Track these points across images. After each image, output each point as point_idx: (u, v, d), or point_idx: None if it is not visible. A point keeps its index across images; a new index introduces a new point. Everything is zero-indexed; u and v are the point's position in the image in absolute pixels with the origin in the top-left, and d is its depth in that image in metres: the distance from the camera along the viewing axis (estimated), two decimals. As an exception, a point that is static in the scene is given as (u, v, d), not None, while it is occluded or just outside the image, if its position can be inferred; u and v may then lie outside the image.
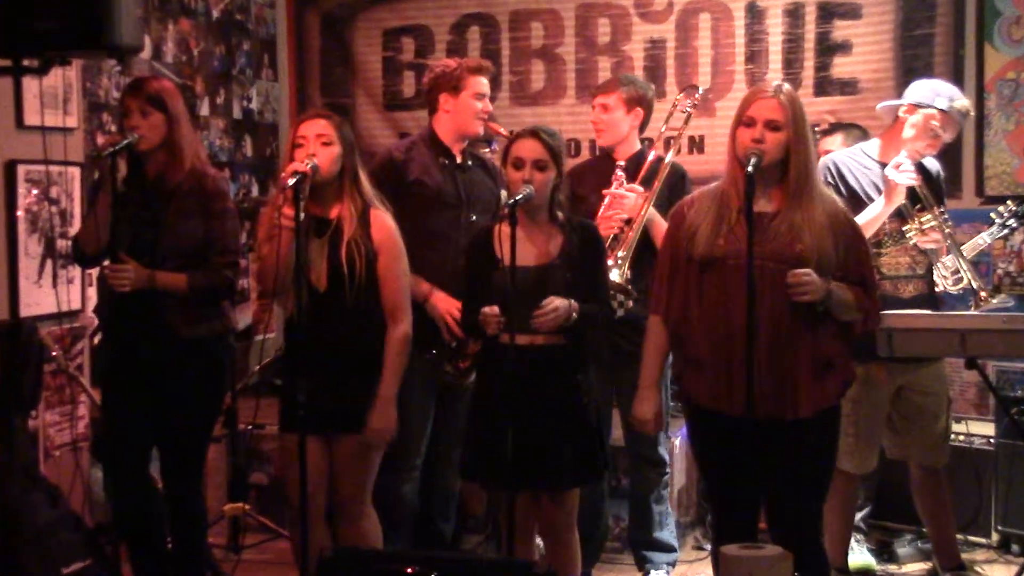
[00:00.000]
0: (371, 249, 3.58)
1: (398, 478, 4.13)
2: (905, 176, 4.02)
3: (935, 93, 4.15)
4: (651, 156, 4.30)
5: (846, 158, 4.22)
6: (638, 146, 4.40)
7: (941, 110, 4.11)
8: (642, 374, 3.52)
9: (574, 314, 3.47)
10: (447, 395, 4.24)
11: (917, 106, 4.14)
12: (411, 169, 4.16)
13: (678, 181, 4.28)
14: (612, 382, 4.26)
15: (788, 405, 3.26)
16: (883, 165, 4.12)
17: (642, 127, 4.41)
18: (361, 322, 3.59)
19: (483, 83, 4.22)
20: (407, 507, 4.24)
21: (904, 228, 4.15)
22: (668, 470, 4.45)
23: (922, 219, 4.14)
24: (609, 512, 4.57)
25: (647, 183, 4.23)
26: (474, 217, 4.19)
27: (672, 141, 4.38)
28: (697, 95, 4.55)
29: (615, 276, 4.02)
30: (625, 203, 4.17)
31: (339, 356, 3.56)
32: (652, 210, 4.16)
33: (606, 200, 4.20)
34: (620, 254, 4.10)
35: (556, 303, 3.44)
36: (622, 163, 4.28)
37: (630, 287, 4.06)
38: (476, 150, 4.43)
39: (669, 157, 4.29)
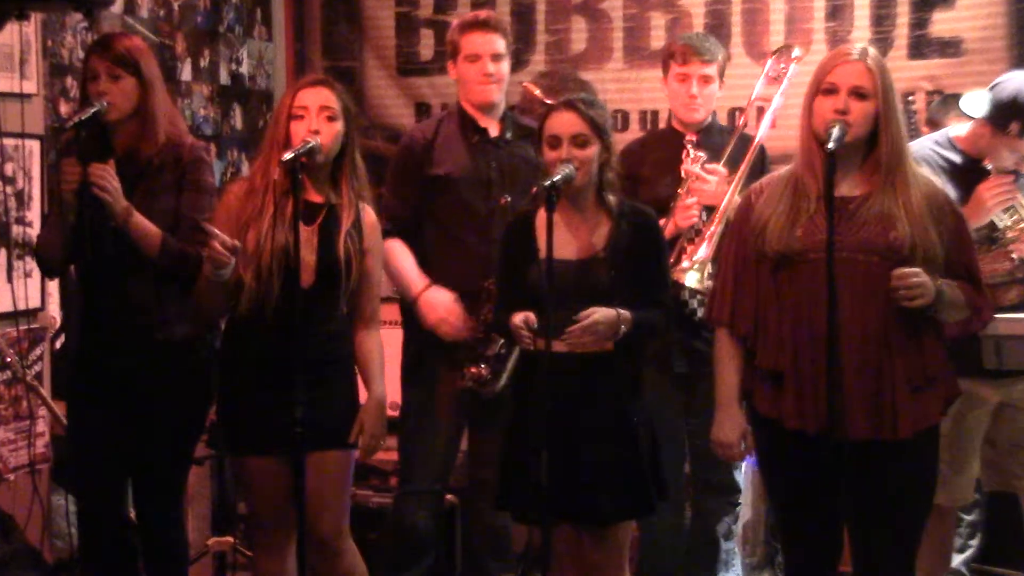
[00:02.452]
0: (360, 247, 3.63)
1: (413, 503, 4.11)
2: (1001, 201, 3.95)
3: (1010, 111, 3.93)
4: (736, 131, 4.28)
5: (927, 151, 4.10)
6: (707, 118, 4.37)
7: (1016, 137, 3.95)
8: (719, 391, 3.47)
9: (623, 327, 3.41)
10: (487, 414, 4.20)
11: (991, 126, 3.98)
12: (436, 158, 4.19)
13: (757, 160, 4.19)
14: (685, 392, 4.21)
15: (886, 424, 3.23)
16: (967, 157, 4.03)
17: None
18: (345, 325, 3.66)
19: (479, 40, 4.21)
20: (423, 539, 4.24)
21: (995, 234, 4.07)
22: (740, 500, 4.40)
23: (1021, 226, 4.06)
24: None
25: (732, 163, 4.15)
26: (511, 199, 4.17)
27: (760, 112, 4.33)
28: (794, 55, 4.46)
29: (693, 281, 3.95)
30: (706, 188, 4.09)
31: (317, 364, 3.56)
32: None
33: (684, 181, 4.12)
34: (700, 253, 4.01)
35: (597, 315, 3.38)
36: (692, 137, 4.21)
37: None
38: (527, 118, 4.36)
39: (763, 132, 4.22)
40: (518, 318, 3.40)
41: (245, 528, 5.01)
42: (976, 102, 4.02)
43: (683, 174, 4.17)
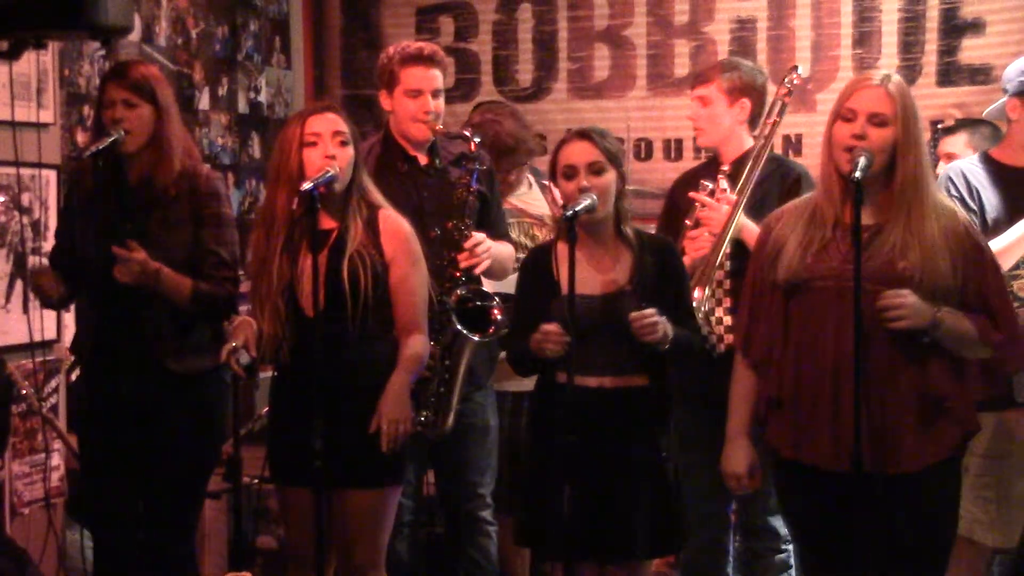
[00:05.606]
0: (380, 261, 3.61)
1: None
2: None
3: None
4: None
5: (972, 167, 4.10)
6: (748, 145, 4.20)
7: None
8: (729, 421, 3.49)
9: (669, 332, 3.42)
10: (447, 447, 4.22)
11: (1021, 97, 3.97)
12: None
13: (792, 186, 4.12)
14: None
15: (889, 457, 3.20)
16: (1009, 169, 4.01)
17: (753, 121, 4.22)
18: (367, 352, 3.61)
19: (421, 75, 4.14)
20: (401, 568, 4.24)
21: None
22: (785, 547, 4.31)
23: None
24: None
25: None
26: (440, 231, 4.13)
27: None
28: (796, 75, 4.42)
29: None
30: (714, 216, 4.06)
31: (342, 394, 3.54)
32: (744, 221, 4.00)
33: (691, 211, 4.07)
34: (704, 292, 3.97)
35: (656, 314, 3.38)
36: (726, 167, 4.17)
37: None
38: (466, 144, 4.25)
39: (767, 152, 4.18)
40: (546, 325, 3.37)
41: (263, 563, 5.03)
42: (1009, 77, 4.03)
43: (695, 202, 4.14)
